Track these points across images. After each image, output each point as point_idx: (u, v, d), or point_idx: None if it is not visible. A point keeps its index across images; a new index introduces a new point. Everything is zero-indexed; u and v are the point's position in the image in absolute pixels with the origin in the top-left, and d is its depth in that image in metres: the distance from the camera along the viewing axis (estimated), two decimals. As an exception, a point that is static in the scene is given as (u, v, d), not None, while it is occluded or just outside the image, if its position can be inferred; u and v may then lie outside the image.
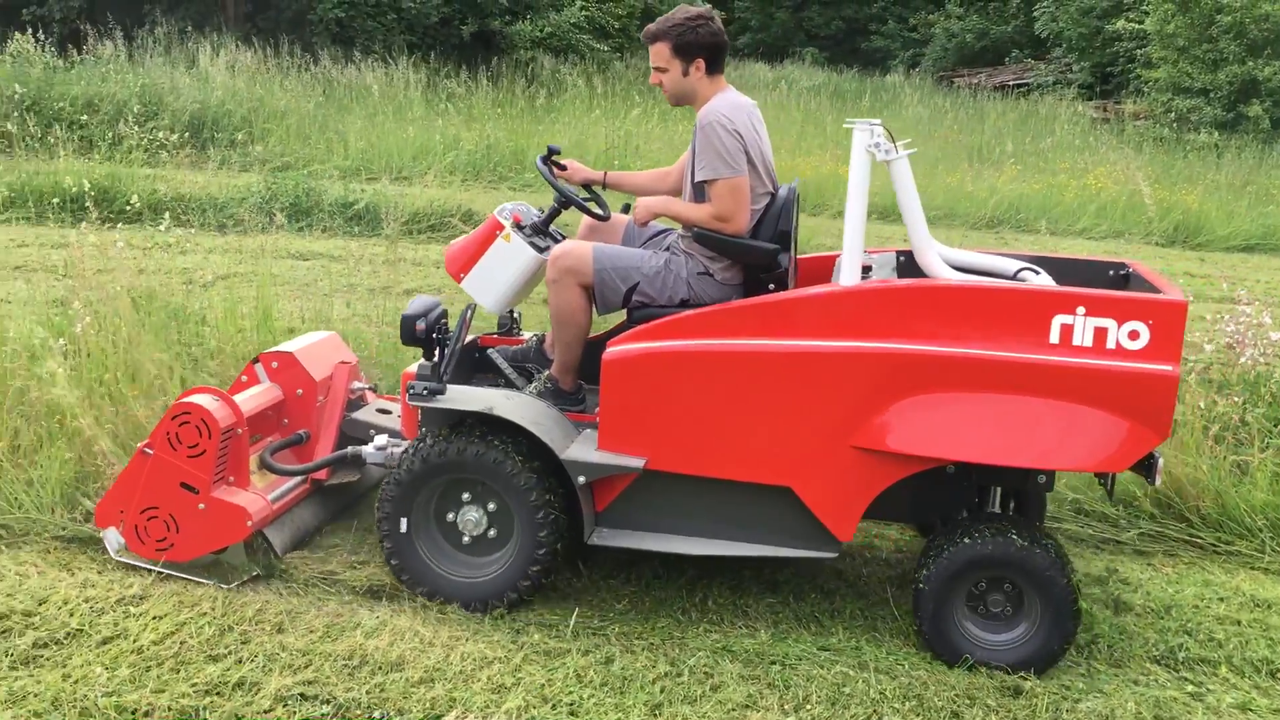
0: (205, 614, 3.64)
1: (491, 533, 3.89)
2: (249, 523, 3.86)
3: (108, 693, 3.21)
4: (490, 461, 3.74)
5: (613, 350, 3.73)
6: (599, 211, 4.30)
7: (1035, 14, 26.53)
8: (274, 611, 3.69)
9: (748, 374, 3.61)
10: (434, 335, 4.04)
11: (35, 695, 3.18)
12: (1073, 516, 4.76)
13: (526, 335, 4.60)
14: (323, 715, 3.19)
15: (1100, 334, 3.39)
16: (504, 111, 14.78)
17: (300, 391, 4.36)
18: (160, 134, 12.10)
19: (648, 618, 3.86)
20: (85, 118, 12.55)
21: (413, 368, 4.10)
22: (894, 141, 3.71)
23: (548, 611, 3.85)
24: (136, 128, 12.28)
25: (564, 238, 4.31)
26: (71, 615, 3.59)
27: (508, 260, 4.15)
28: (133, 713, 3.14)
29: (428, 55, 17.53)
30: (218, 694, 3.25)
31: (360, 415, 4.49)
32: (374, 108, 14.44)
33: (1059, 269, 4.03)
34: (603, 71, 19.18)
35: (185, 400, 3.88)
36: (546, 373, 4.21)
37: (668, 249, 4.12)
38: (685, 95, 4.06)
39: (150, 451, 3.89)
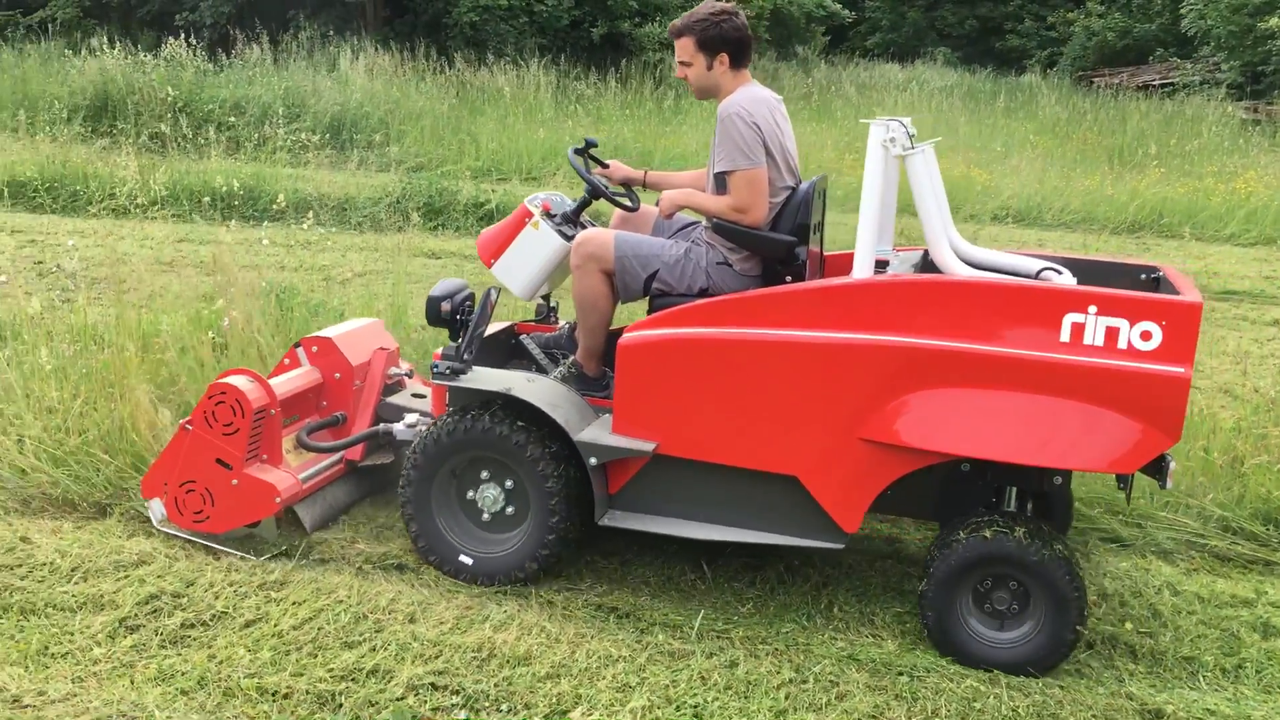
0: (341, 601, 3.75)
1: (508, 510, 4.00)
2: (277, 499, 4.02)
3: (250, 674, 3.33)
4: (507, 441, 3.86)
5: (628, 336, 3.82)
6: (627, 203, 4.41)
7: (1182, 11, 25.51)
8: (406, 602, 3.78)
9: (757, 363, 3.66)
10: (458, 317, 4.18)
11: (183, 674, 3.33)
12: (1219, 534, 4.57)
13: (561, 323, 4.70)
14: (452, 706, 3.25)
15: (1112, 334, 3.35)
16: (632, 113, 14.89)
17: (338, 375, 4.52)
18: (303, 135, 12.54)
19: (772, 622, 3.84)
20: (233, 119, 13.07)
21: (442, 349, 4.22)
22: (912, 139, 3.74)
23: (672, 612, 3.86)
24: (281, 129, 12.75)
25: (595, 225, 4.39)
26: (217, 598, 3.74)
27: (535, 247, 4.28)
28: (273, 694, 3.25)
29: (558, 57, 17.76)
30: (353, 680, 3.34)
31: (395, 399, 4.60)
32: (505, 109, 14.69)
33: (1089, 271, 3.97)
34: (731, 73, 19.16)
35: (222, 381, 4.06)
36: (572, 358, 4.31)
37: (691, 239, 4.17)
38: (709, 89, 4.11)
39: (190, 428, 4.07)
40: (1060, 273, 3.88)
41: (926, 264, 4.10)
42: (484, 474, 3.99)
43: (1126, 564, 4.31)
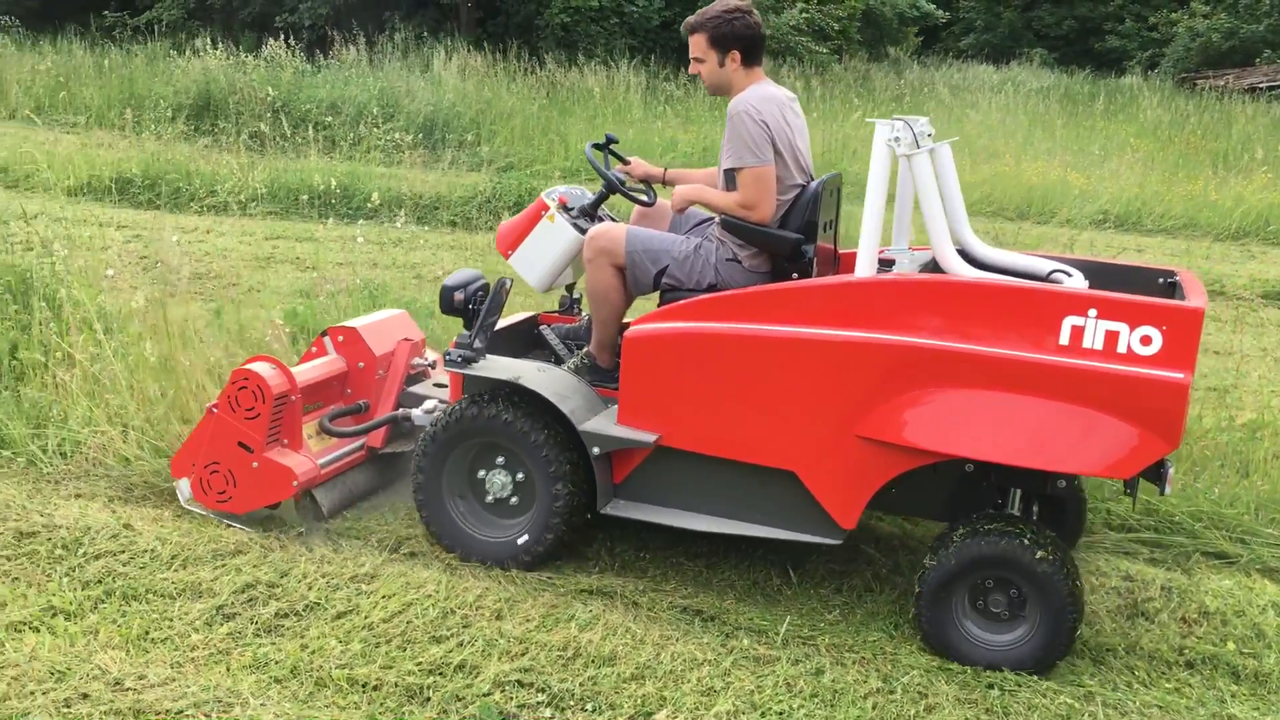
0: (430, 596, 3.79)
1: (515, 497, 4.09)
2: (295, 483, 4.16)
3: (341, 665, 3.39)
4: (515, 428, 3.96)
5: (634, 329, 3.90)
6: (643, 198, 4.46)
7: (1293, 11, 24.67)
8: (493, 599, 3.81)
9: (757, 358, 3.70)
10: (470, 306, 4.28)
11: (276, 662, 3.39)
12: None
13: (583, 314, 4.74)
14: (538, 704, 3.27)
15: (1111, 337, 3.33)
16: (720, 114, 14.82)
17: (362, 364, 4.63)
18: (396, 134, 12.74)
19: (859, 630, 3.80)
20: (330, 119, 13.33)
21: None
22: (917, 140, 3.77)
23: (757, 616, 3.83)
24: (375, 128, 12.97)
25: (614, 220, 4.46)
26: (310, 589, 3.81)
27: (551, 240, 4.35)
28: (363, 686, 3.31)
29: (648, 58, 17.79)
30: (440, 674, 3.38)
31: (418, 388, 4.68)
32: (594, 109, 14.76)
33: (1105, 274, 3.95)
34: (820, 74, 18.99)
35: (245, 367, 4.19)
36: (586, 349, 4.37)
37: (704, 236, 4.21)
38: (721, 86, 4.15)
39: (215, 411, 4.21)
40: (1070, 275, 3.85)
41: (936, 263, 4.07)
42: (495, 460, 4.10)
43: (1230, 582, 4.18)
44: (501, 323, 4.58)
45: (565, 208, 4.40)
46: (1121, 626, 3.90)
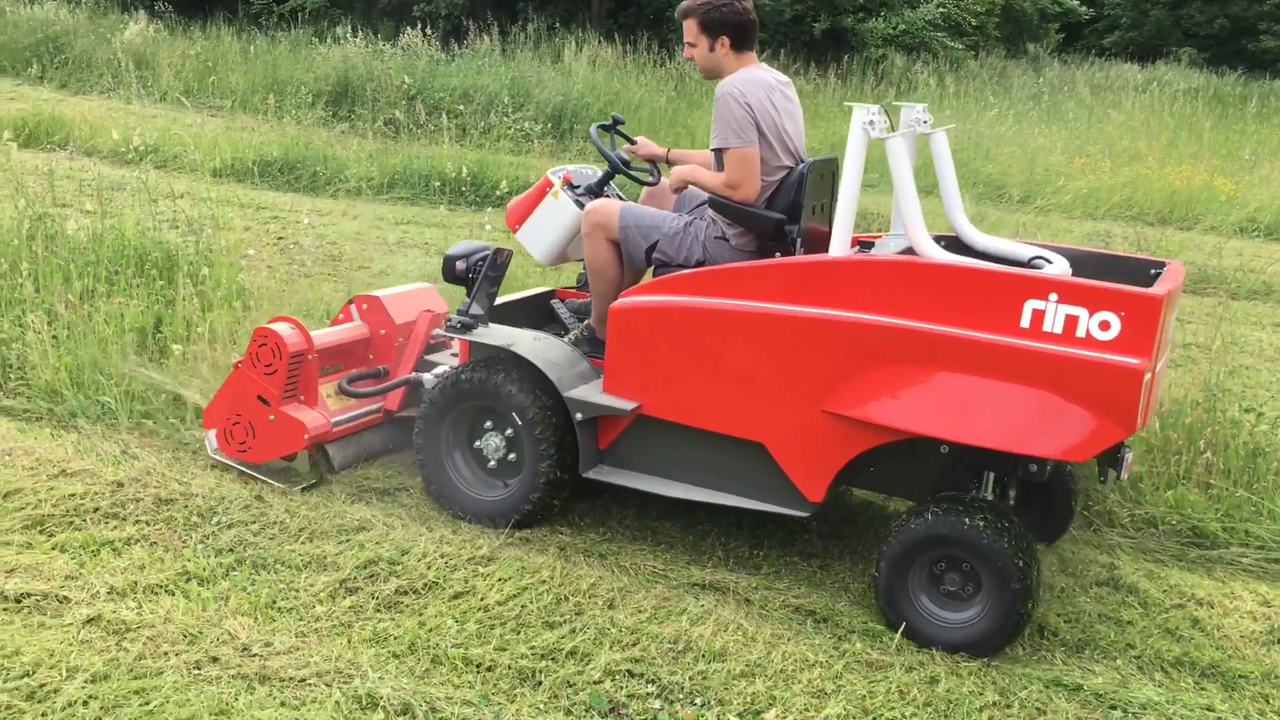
0: (544, 582, 3.84)
1: (507, 460, 4.27)
2: (305, 435, 4.41)
3: (456, 644, 3.45)
4: (505, 393, 4.15)
5: (620, 301, 4.08)
6: (646, 178, 4.64)
7: None
8: (606, 588, 3.83)
9: (730, 332, 3.83)
10: (471, 275, 4.47)
11: (395, 638, 3.48)
12: None
13: None
14: (647, 694, 3.28)
15: (1071, 322, 3.37)
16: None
17: (383, 331, 4.86)
18: (525, 124, 12.90)
19: (976, 642, 3.71)
20: (462, 107, 13.57)
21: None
22: (892, 125, 3.89)
23: (872, 620, 3.78)
24: (505, 117, 13.15)
25: (623, 199, 4.58)
26: (429, 568, 3.89)
27: (555, 216, 4.54)
28: (477, 666, 3.36)
29: (778, 52, 17.65)
30: (552, 659, 3.42)
31: (436, 356, 4.88)
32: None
33: (1093, 263, 4.02)
34: (956, 70, 18.58)
35: (265, 326, 4.45)
36: (586, 321, 4.57)
37: (697, 214, 4.36)
38: (712, 70, 4.29)
39: (239, 366, 4.49)
40: (1050, 261, 3.90)
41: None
42: (491, 424, 4.29)
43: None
44: (519, 295, 4.90)
45: (571, 185, 4.60)
46: (1258, 653, 3.73)
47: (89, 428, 4.90)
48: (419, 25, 17.17)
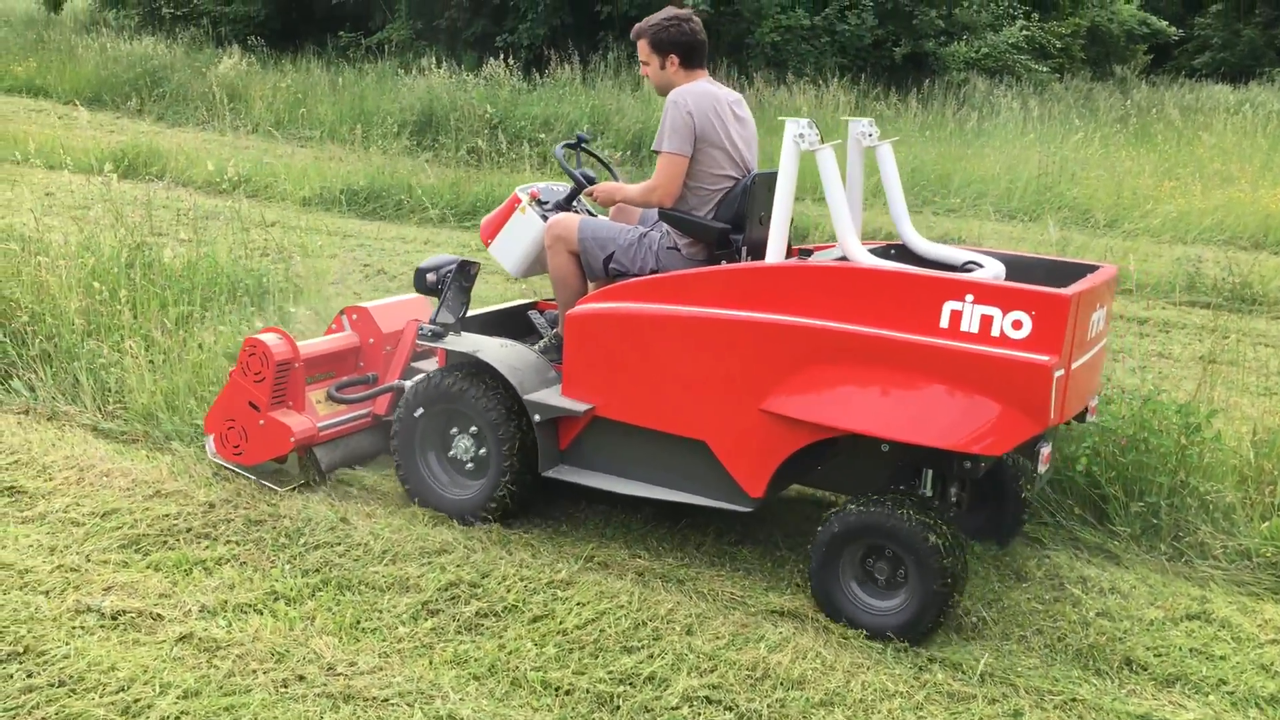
0: (622, 607, 3.86)
1: (475, 460, 4.48)
2: (291, 439, 4.65)
3: (536, 667, 3.49)
4: (471, 397, 4.37)
5: (575, 309, 4.30)
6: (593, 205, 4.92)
7: None
8: (684, 614, 3.84)
9: (674, 336, 4.04)
10: (440, 286, 4.75)
11: (476, 660, 3.52)
12: None
13: None
14: (725, 721, 3.28)
15: (986, 321, 3.54)
16: (933, 134, 14.53)
17: (372, 340, 5.11)
18: (607, 151, 13.02)
19: (1061, 675, 3.64)
20: (543, 136, 13.75)
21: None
22: (821, 137, 4.04)
23: (953, 651, 3.73)
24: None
25: (594, 214, 4.84)
26: (509, 591, 3.94)
27: (523, 230, 4.79)
28: (556, 689, 3.39)
29: (858, 77, 17.58)
30: (630, 684, 3.43)
31: (423, 364, 5.03)
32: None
33: (1035, 269, 4.15)
34: (1040, 93, 18.33)
35: (254, 336, 4.72)
36: (555, 330, 4.77)
37: (652, 225, 4.56)
38: (665, 86, 4.50)
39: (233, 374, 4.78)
40: (981, 265, 4.09)
41: (882, 253, 4.37)
42: (461, 426, 4.50)
43: None
44: (502, 307, 5.19)
45: (540, 202, 4.85)
46: (1357, 693, 3.61)
47: (183, 450, 5.05)
48: (501, 55, 17.46)
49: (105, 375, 5.60)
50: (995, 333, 3.53)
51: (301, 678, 3.37)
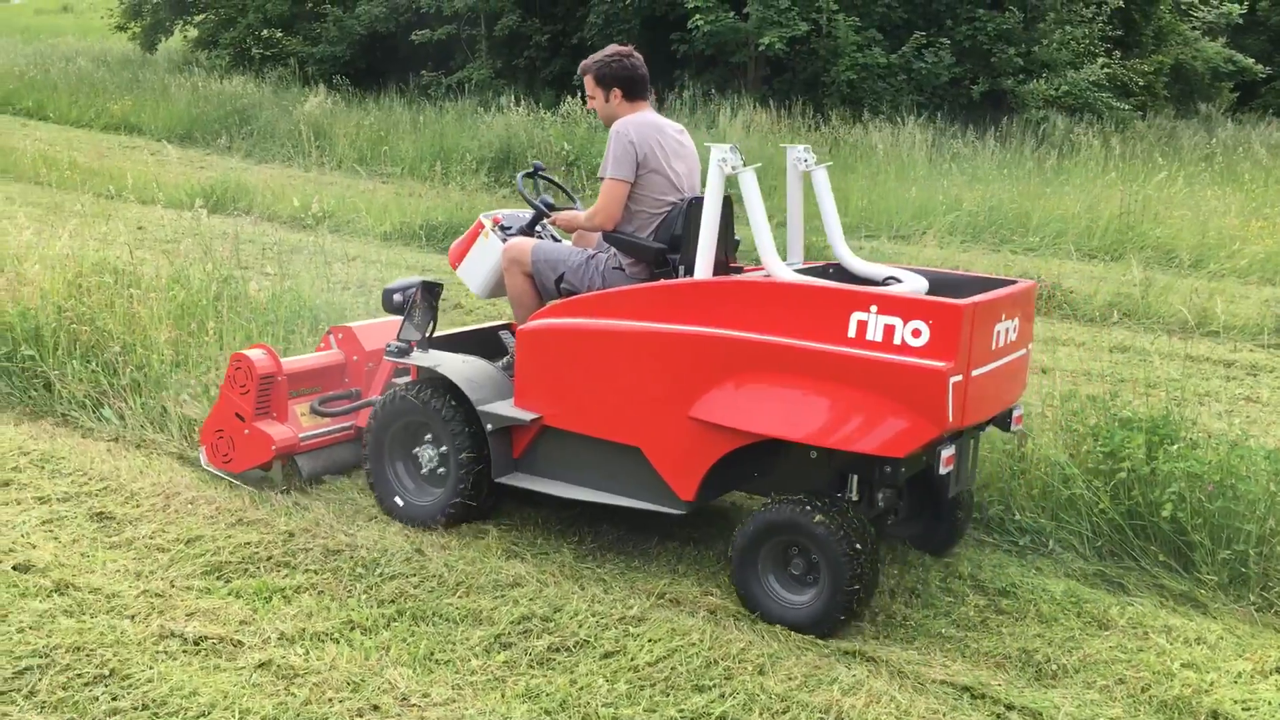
0: (694, 645, 3.85)
1: (438, 468, 4.76)
2: (272, 447, 4.95)
3: (607, 704, 3.49)
4: (432, 408, 4.66)
5: (525, 325, 4.59)
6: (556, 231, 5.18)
7: None
8: (756, 653, 3.82)
9: (609, 348, 4.31)
10: (405, 306, 5.00)
11: (547, 695, 3.54)
12: None
13: None
14: (797, 764, 3.25)
15: (889, 331, 3.77)
16: (1010, 173, 14.38)
17: (355, 358, 5.42)
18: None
19: (1144, 727, 3.55)
20: (618, 173, 13.86)
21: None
22: (744, 160, 4.31)
23: (1034, 697, 3.65)
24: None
25: (558, 240, 5.12)
26: (581, 626, 3.95)
27: (486, 254, 5.06)
28: (626, 726, 3.39)
29: (934, 115, 17.49)
30: (701, 723, 3.41)
31: (401, 379, 5.19)
32: (877, 167, 14.65)
33: (957, 284, 4.36)
34: (1121, 131, 18.06)
35: (240, 352, 5.04)
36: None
37: (600, 247, 4.81)
38: (610, 118, 4.80)
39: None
40: (901, 281, 4.38)
41: (819, 271, 4.67)
42: (425, 436, 4.78)
43: None
44: (477, 328, 5.48)
45: (503, 227, 5.10)
46: None
47: (264, 479, 5.15)
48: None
49: (192, 405, 5.75)
50: (897, 341, 3.76)
51: (376, 707, 3.41)
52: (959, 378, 3.72)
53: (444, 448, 4.72)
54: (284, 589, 4.15)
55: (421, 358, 4.84)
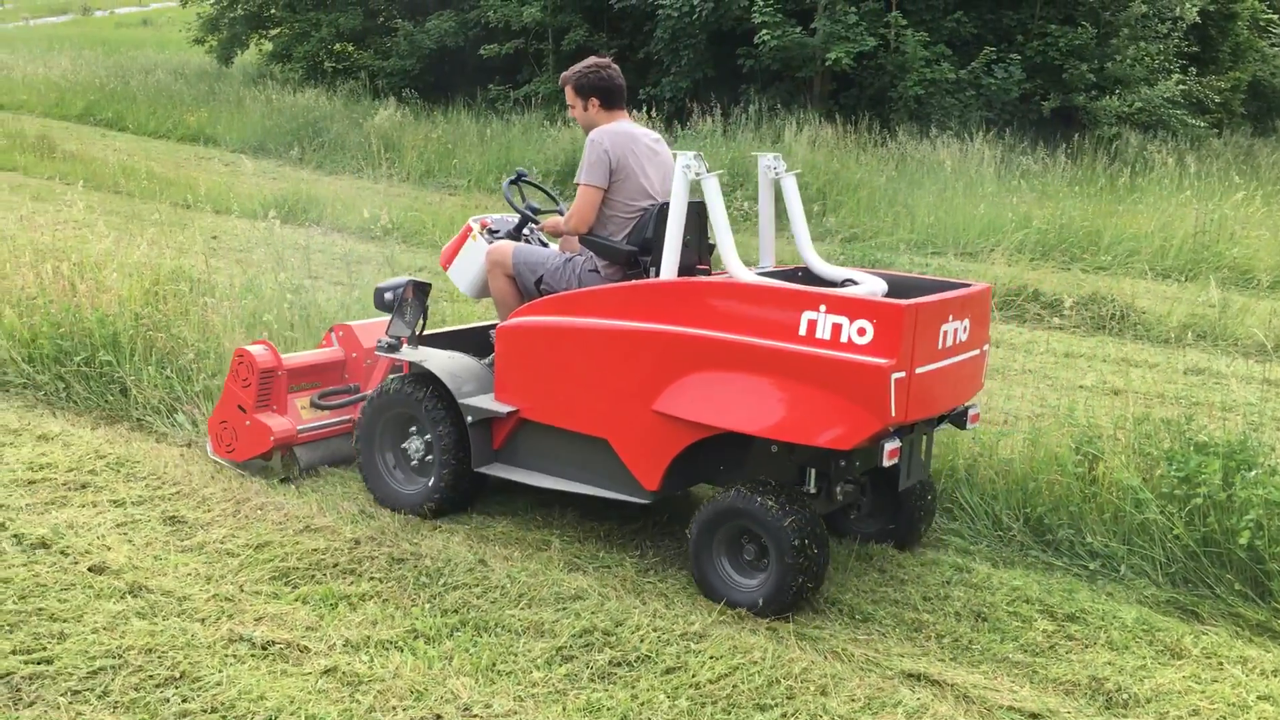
0: (756, 663, 3.82)
1: (425, 458, 4.98)
2: (271, 438, 5.20)
3: (668, 720, 3.48)
4: (416, 400, 4.90)
5: (504, 323, 4.83)
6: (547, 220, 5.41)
7: None
8: (819, 673, 3.79)
9: (581, 345, 4.54)
10: (395, 303, 5.19)
11: (608, 709, 3.53)
12: None
13: None
14: (859, 787, 3.21)
15: (836, 329, 3.98)
16: (1081, 190, 14.16)
17: (354, 355, 5.69)
18: (745, 203, 13.07)
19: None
20: (683, 187, 13.86)
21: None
22: (708, 168, 4.45)
23: (1100, 729, 3.58)
24: (725, 196, 13.32)
25: (545, 244, 5.38)
26: (642, 641, 3.94)
27: (474, 256, 5.31)
28: (687, 743, 3.37)
29: (1004, 131, 17.28)
30: (763, 743, 3.39)
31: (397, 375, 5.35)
32: (945, 183, 14.49)
33: (914, 287, 4.53)
34: (1197, 149, 17.70)
35: (243, 347, 5.30)
36: None
37: (579, 250, 5.04)
38: (588, 125, 5.04)
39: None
40: (858, 283, 4.59)
41: (789, 274, 4.86)
42: (412, 428, 5.01)
43: None
44: (470, 326, 5.71)
45: (491, 231, 5.36)
46: None
47: (329, 488, 5.22)
48: (644, 108, 17.75)
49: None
50: (844, 339, 3.95)
51: (439, 717, 3.43)
52: (902, 374, 3.89)
53: (429, 439, 4.94)
54: (349, 596, 4.19)
55: (409, 353, 5.07)
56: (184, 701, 3.45)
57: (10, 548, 4.43)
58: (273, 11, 25.82)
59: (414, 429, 5.01)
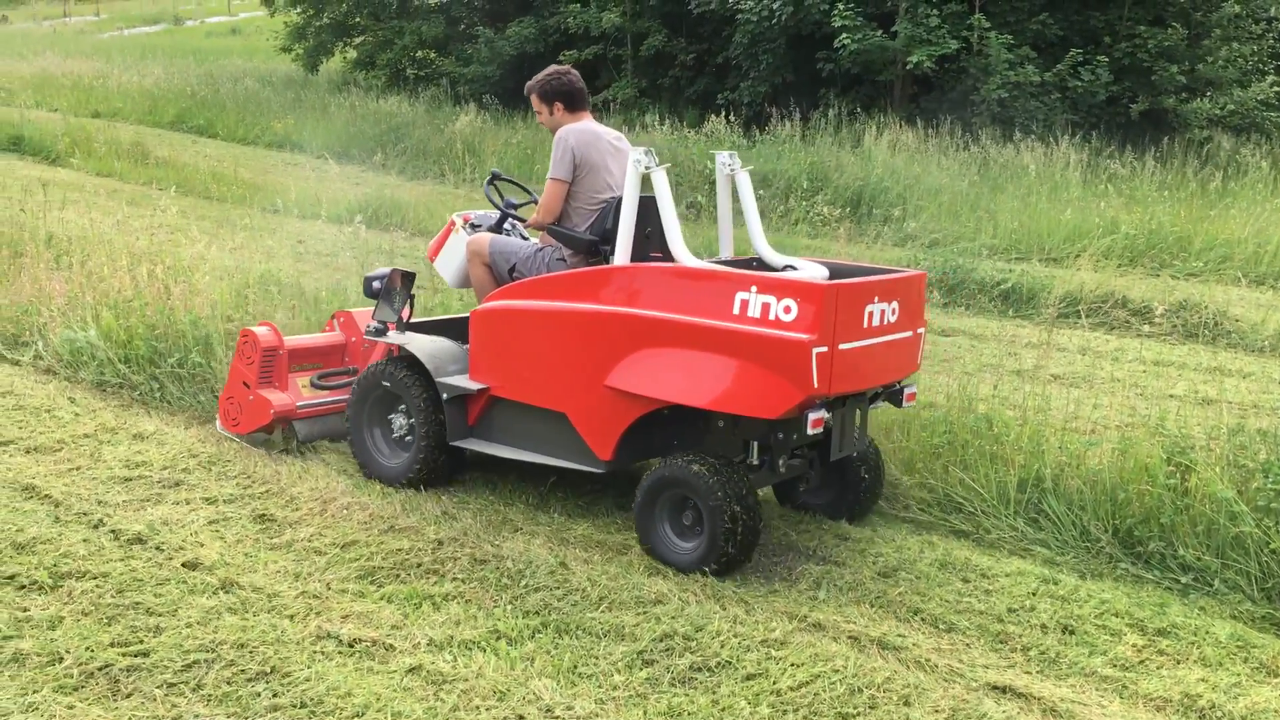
0: (837, 671, 3.80)
1: (408, 435, 5.34)
2: (271, 411, 5.60)
3: (749, 726, 3.47)
4: (399, 380, 5.30)
5: (477, 308, 5.23)
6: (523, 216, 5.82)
7: None
8: (901, 683, 3.75)
9: (542, 326, 4.92)
10: (381, 291, 5.52)
11: (689, 714, 3.54)
12: None
13: None
14: (944, 799, 3.17)
15: (765, 308, 4.33)
16: (1171, 194, 13.81)
17: (353, 339, 6.06)
18: (824, 208, 13.00)
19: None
20: (761, 191, 13.83)
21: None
22: (657, 161, 4.83)
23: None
24: (804, 201, 13.27)
25: (526, 238, 5.67)
26: (723, 647, 3.94)
27: (457, 249, 5.68)
28: (769, 750, 3.36)
29: (1090, 134, 16.94)
30: (845, 752, 3.37)
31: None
32: (1029, 187, 14.24)
33: (868, 274, 4.81)
34: (1291, 152, 17.15)
35: (248, 328, 5.71)
36: None
37: (549, 240, 5.40)
38: (555, 128, 5.38)
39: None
40: (797, 268, 4.91)
41: (744, 263, 5.16)
42: (397, 406, 5.37)
43: None
44: (459, 315, 5.99)
45: (473, 225, 5.68)
46: None
47: (413, 489, 5.30)
48: (723, 112, 17.73)
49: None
50: (772, 317, 4.29)
51: (521, 717, 3.47)
52: (824, 349, 4.23)
53: (411, 416, 5.27)
54: (433, 596, 4.25)
55: (395, 337, 5.47)
56: (274, 696, 3.53)
57: (108, 543, 4.57)
58: (357, 20, 26.29)
59: (400, 407, 5.36)
